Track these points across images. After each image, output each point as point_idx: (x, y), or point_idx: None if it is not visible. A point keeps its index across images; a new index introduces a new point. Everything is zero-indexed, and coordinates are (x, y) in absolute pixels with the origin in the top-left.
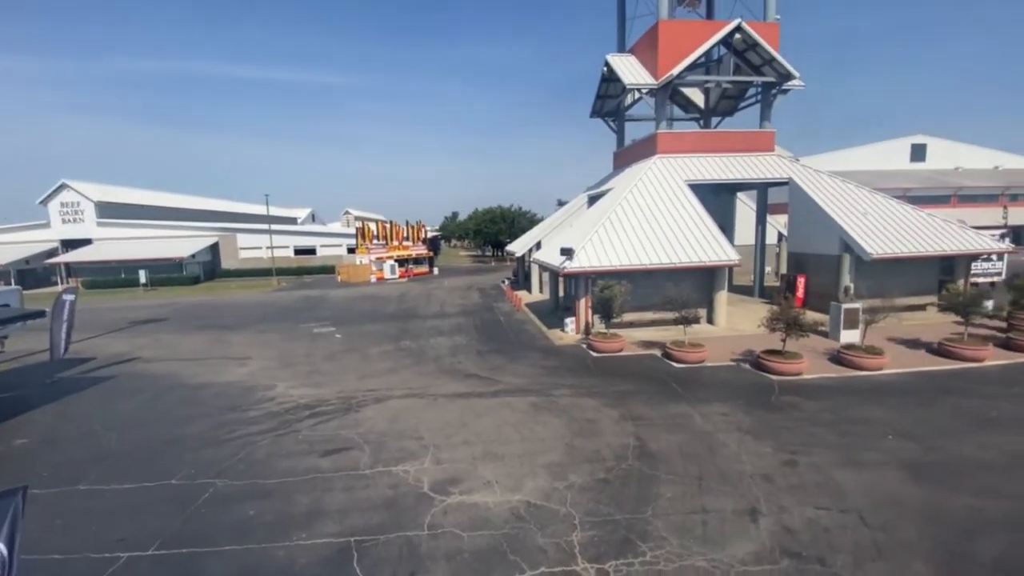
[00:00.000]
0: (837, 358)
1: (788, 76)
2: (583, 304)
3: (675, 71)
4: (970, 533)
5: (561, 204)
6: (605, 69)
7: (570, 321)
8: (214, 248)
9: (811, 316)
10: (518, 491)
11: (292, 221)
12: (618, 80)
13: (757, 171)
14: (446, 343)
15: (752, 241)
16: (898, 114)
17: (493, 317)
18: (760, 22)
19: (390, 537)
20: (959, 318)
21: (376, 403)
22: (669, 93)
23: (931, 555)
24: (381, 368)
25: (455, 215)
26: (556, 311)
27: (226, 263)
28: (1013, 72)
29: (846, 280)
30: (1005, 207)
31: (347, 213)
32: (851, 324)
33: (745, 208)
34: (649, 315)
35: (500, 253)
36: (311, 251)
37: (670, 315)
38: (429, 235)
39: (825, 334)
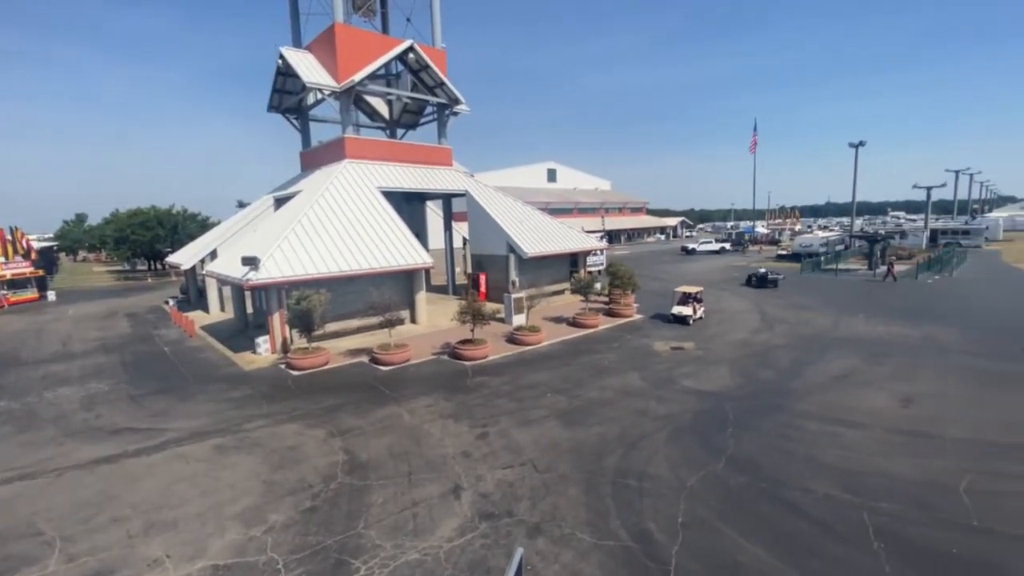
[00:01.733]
0: (511, 338)
1: (457, 101)
2: (277, 319)
3: (357, 77)
4: (599, 454)
5: (242, 206)
6: (280, 62)
7: (263, 340)
8: None
9: (492, 307)
10: (200, 558)
11: None
12: (297, 76)
13: (440, 183)
14: (75, 394)
15: (443, 245)
16: (540, 143)
17: (153, 349)
18: (430, 47)
19: None
20: (583, 298)
21: None
22: (353, 98)
23: (579, 479)
24: None
25: (81, 219)
26: (245, 331)
27: None
28: (601, 120)
29: (513, 275)
30: (603, 217)
31: None
32: (519, 310)
33: (434, 215)
34: (355, 322)
35: (161, 266)
36: None
37: (376, 319)
38: (36, 246)
39: (503, 320)
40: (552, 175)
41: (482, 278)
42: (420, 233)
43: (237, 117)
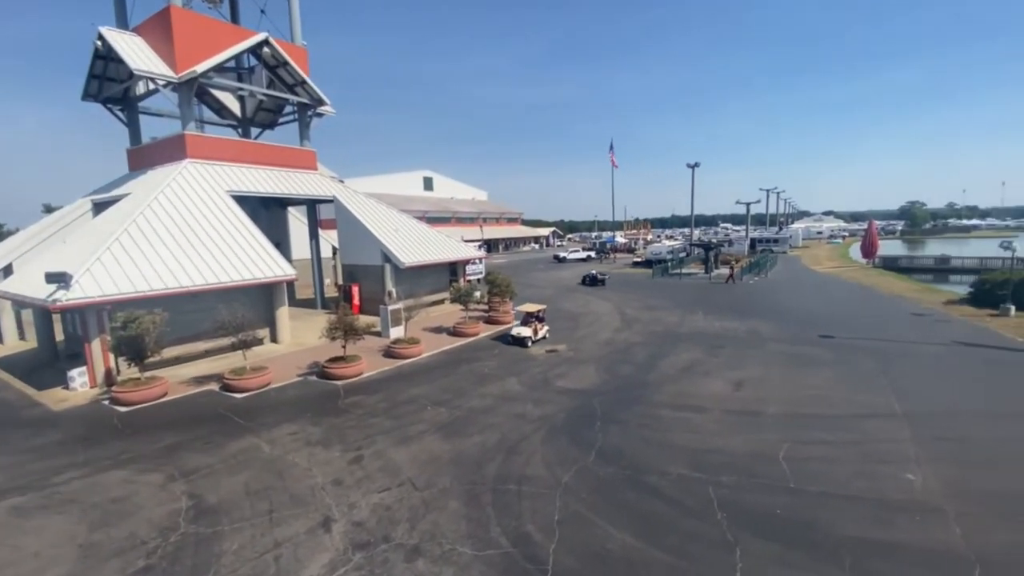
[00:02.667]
0: (389, 352)
1: (320, 101)
2: (98, 346)
3: (200, 68)
4: (480, 463)
5: (50, 211)
6: (99, 43)
7: (79, 373)
8: None
9: (366, 320)
10: None
11: None
12: (122, 61)
13: (304, 187)
14: None
15: (308, 255)
16: (417, 151)
17: None
18: (289, 43)
19: None
20: (463, 306)
21: None
22: (195, 91)
23: (459, 492)
24: None
25: None
26: (54, 363)
27: None
28: (477, 133)
29: (389, 285)
30: (481, 227)
31: None
32: (396, 322)
33: (298, 223)
34: (202, 345)
35: None
36: None
37: (227, 341)
38: None
39: (379, 334)
40: (429, 183)
41: (355, 290)
42: (281, 242)
43: (43, 103)
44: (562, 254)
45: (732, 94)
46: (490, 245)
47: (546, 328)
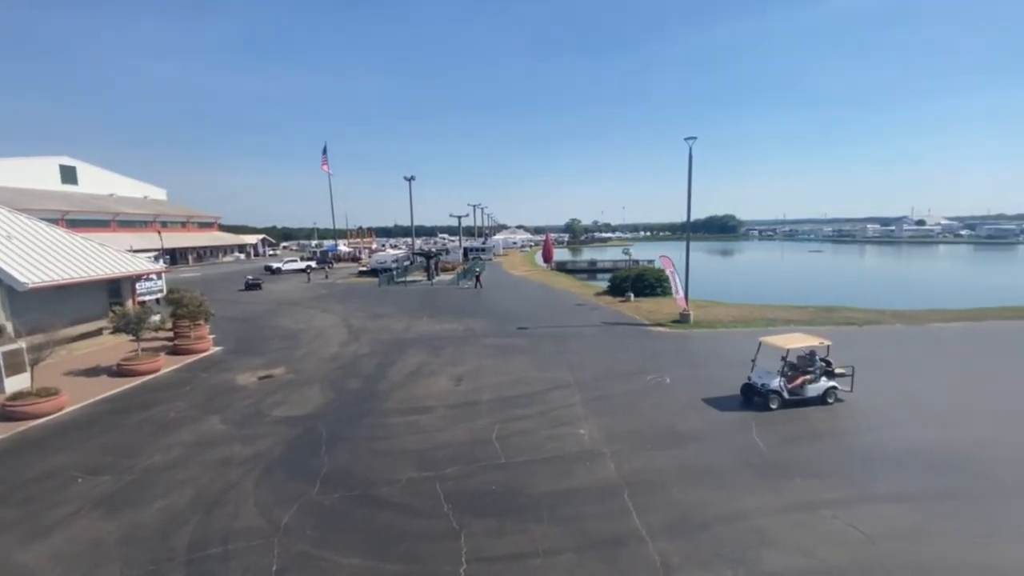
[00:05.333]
0: (5, 414)
1: None
2: None
3: None
4: (165, 534)
5: None
6: None
7: None
8: None
9: None
10: None
11: None
12: None
13: None
14: None
15: None
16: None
17: None
18: None
19: None
20: (132, 337)
21: None
22: None
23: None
24: None
25: None
26: None
27: None
28: (150, 119)
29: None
30: (159, 233)
31: None
32: (15, 368)
33: None
34: None
35: None
36: None
37: None
38: None
39: None
40: (70, 174)
41: None
42: None
43: None
44: (276, 264)
45: (438, 115)
46: (175, 256)
47: None
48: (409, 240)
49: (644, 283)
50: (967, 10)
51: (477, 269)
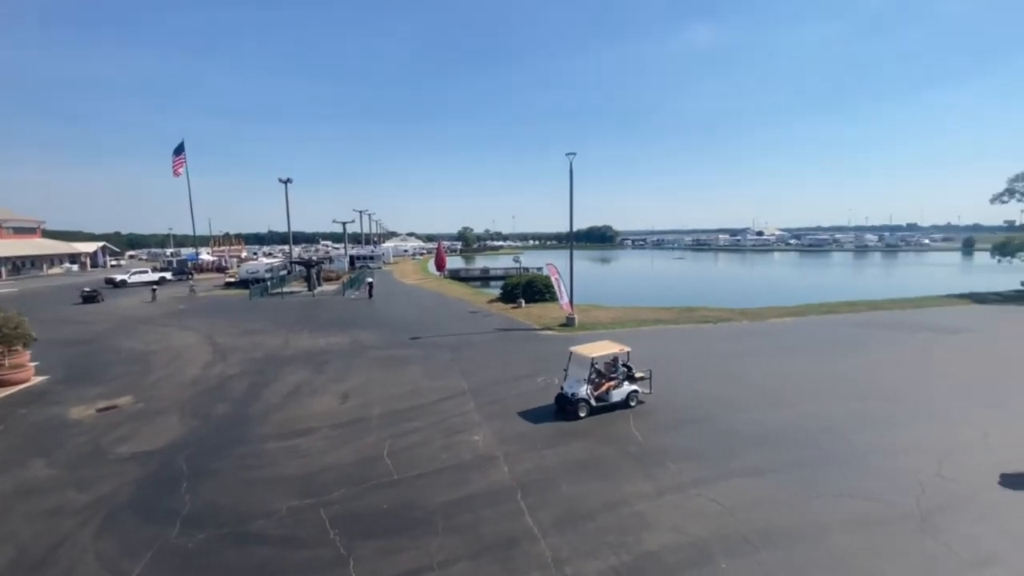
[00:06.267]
0: None
1: None
2: None
3: None
4: None
5: None
6: None
7: None
8: None
9: None
10: None
11: None
12: None
13: None
14: None
15: None
16: None
17: None
18: None
19: None
20: None
21: None
22: None
23: None
24: None
25: None
26: None
27: None
28: None
29: None
30: None
31: None
32: None
33: None
34: None
35: None
36: None
37: None
38: None
39: None
40: None
41: None
42: None
43: None
44: (120, 276)
45: (317, 118)
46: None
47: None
48: (287, 248)
49: (534, 289)
50: (787, 55)
51: (369, 279)
